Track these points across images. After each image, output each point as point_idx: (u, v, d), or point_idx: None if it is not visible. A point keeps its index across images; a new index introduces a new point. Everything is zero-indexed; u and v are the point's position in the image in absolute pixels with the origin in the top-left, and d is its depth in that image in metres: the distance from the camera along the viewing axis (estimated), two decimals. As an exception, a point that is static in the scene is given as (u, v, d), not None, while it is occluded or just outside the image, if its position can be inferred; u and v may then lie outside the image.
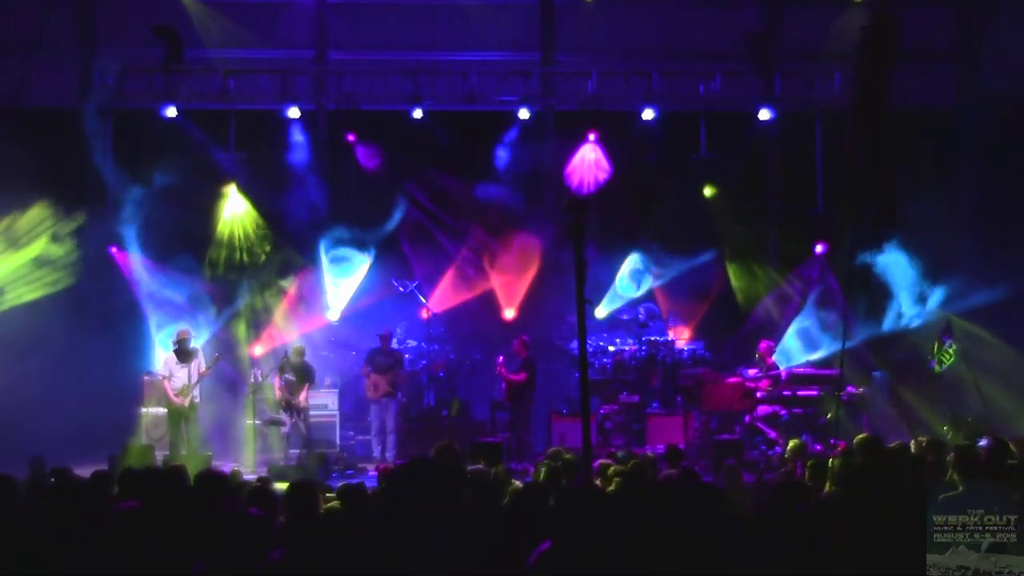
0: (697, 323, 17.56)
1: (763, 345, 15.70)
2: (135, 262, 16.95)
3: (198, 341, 15.41)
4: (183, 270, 16.78)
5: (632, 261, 17.66)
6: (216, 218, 17.13)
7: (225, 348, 16.22)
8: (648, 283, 17.63)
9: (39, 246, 16.47)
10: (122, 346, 16.32)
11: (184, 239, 16.80)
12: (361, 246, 17.33)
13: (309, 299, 17.21)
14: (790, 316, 17.11)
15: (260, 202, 17.30)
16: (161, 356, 15.51)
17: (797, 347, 16.56)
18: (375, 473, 14.11)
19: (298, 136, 17.52)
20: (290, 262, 17.32)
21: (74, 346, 15.96)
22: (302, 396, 15.10)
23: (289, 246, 17.38)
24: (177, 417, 14.47)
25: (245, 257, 17.20)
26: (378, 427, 15.68)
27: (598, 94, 17.36)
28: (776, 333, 16.70)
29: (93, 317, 16.30)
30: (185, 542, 5.90)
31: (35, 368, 15.62)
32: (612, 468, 8.72)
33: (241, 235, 17.23)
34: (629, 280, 17.62)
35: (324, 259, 17.32)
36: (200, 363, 14.59)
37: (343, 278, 17.38)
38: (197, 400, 14.65)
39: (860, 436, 9.38)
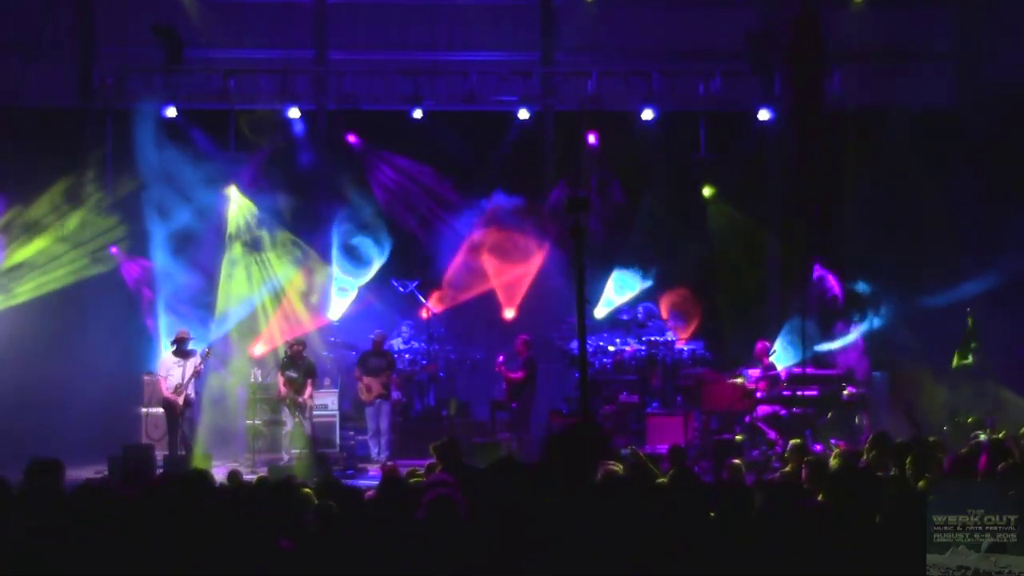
0: (697, 323, 17.56)
1: (759, 346, 15.69)
2: (135, 262, 16.97)
3: (200, 343, 15.41)
4: (184, 270, 16.78)
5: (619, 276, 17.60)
6: (216, 218, 17.09)
7: (230, 348, 16.28)
8: (639, 284, 17.57)
9: (38, 244, 16.48)
10: (122, 346, 16.31)
11: (185, 239, 16.78)
12: (366, 247, 17.33)
13: (311, 299, 17.20)
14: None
15: (261, 202, 17.28)
16: (163, 356, 15.51)
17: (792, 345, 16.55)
18: (375, 473, 14.17)
19: (298, 136, 17.50)
20: (293, 262, 17.31)
21: (73, 346, 15.97)
22: (307, 393, 15.09)
23: (291, 246, 17.36)
24: (174, 416, 14.49)
25: (248, 257, 17.18)
26: (374, 429, 15.67)
27: (598, 94, 17.35)
28: (772, 333, 16.70)
29: (92, 317, 16.30)
30: None
31: (34, 368, 15.64)
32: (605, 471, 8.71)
33: (244, 236, 17.21)
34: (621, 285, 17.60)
35: (333, 259, 17.30)
36: (196, 363, 14.61)
37: (349, 279, 17.36)
38: (193, 399, 14.65)
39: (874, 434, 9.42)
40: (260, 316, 16.83)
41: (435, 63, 17.73)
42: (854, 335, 15.96)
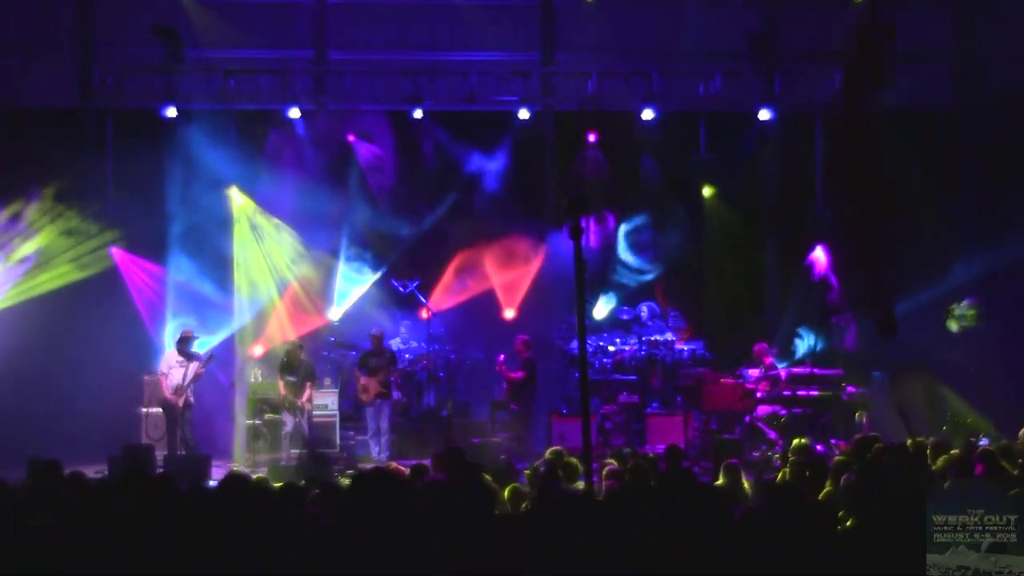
0: (697, 322, 17.59)
1: (757, 347, 15.70)
2: (135, 262, 16.98)
3: (204, 344, 15.43)
4: (185, 270, 16.79)
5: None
6: (218, 218, 17.08)
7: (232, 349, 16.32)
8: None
9: (37, 244, 16.48)
10: (122, 345, 16.30)
11: (184, 240, 16.79)
12: (370, 249, 17.34)
13: (312, 299, 17.21)
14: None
15: (262, 203, 17.30)
16: (165, 354, 15.51)
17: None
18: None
19: (298, 136, 17.50)
20: (296, 262, 17.31)
21: (73, 346, 15.97)
22: (306, 395, 15.09)
23: (295, 246, 17.37)
24: (172, 417, 14.51)
25: (254, 257, 17.18)
26: (373, 429, 15.65)
27: (598, 94, 17.34)
28: (772, 333, 16.74)
29: (92, 317, 16.29)
30: None
31: (35, 368, 15.65)
32: (607, 469, 8.72)
33: (249, 236, 17.20)
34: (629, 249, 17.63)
35: (340, 260, 17.29)
36: (197, 367, 14.63)
37: (354, 280, 17.35)
38: (192, 400, 14.67)
39: (859, 436, 9.44)
40: (268, 315, 16.85)
41: (435, 63, 17.72)
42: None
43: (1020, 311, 16.10)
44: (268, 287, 17.11)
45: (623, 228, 17.70)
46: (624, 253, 17.67)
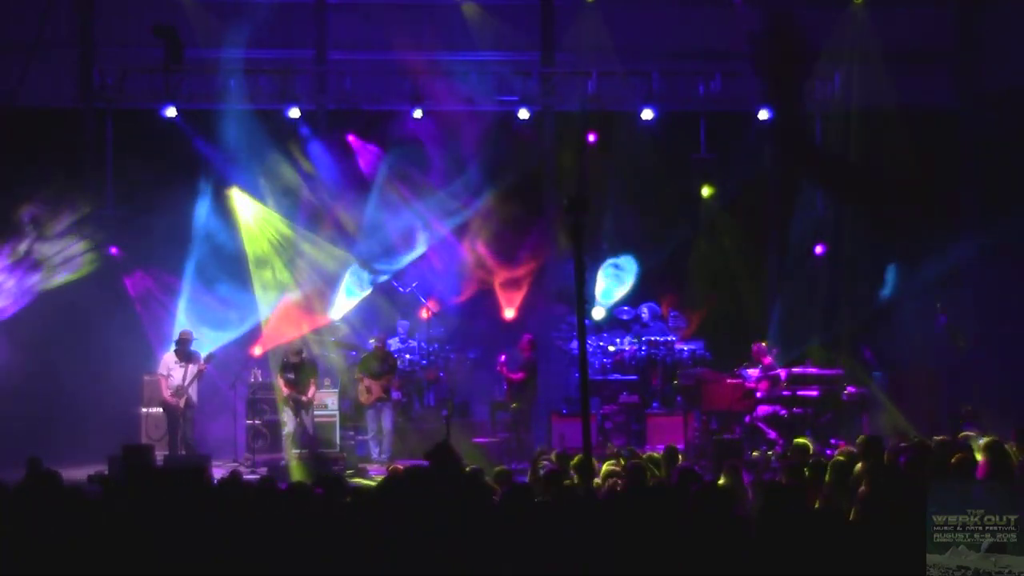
0: (698, 323, 17.60)
1: (756, 347, 15.70)
2: (134, 263, 16.98)
3: (205, 346, 15.44)
4: (184, 272, 16.80)
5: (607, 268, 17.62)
6: (215, 220, 17.07)
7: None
8: (627, 278, 17.60)
9: (37, 244, 16.48)
10: (122, 346, 16.30)
11: (184, 241, 16.80)
12: (372, 249, 17.35)
13: (314, 299, 17.21)
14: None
15: (264, 202, 17.29)
16: (164, 356, 15.51)
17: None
18: (375, 473, 14.18)
19: (298, 136, 17.48)
20: (297, 263, 17.32)
21: (73, 346, 15.97)
22: (310, 392, 15.06)
23: (294, 246, 17.37)
24: (174, 417, 14.51)
25: (253, 259, 17.19)
26: (375, 430, 15.62)
27: (598, 94, 17.35)
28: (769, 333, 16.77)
29: (92, 316, 16.29)
30: None
31: (34, 368, 15.66)
32: (606, 468, 8.72)
33: (249, 237, 17.19)
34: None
35: (343, 259, 17.30)
36: (199, 365, 14.64)
37: (357, 281, 17.35)
38: (194, 400, 14.67)
39: (861, 437, 9.44)
40: (269, 315, 16.85)
41: (435, 63, 17.71)
42: None
43: (1019, 309, 16.13)
44: (270, 287, 17.10)
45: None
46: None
